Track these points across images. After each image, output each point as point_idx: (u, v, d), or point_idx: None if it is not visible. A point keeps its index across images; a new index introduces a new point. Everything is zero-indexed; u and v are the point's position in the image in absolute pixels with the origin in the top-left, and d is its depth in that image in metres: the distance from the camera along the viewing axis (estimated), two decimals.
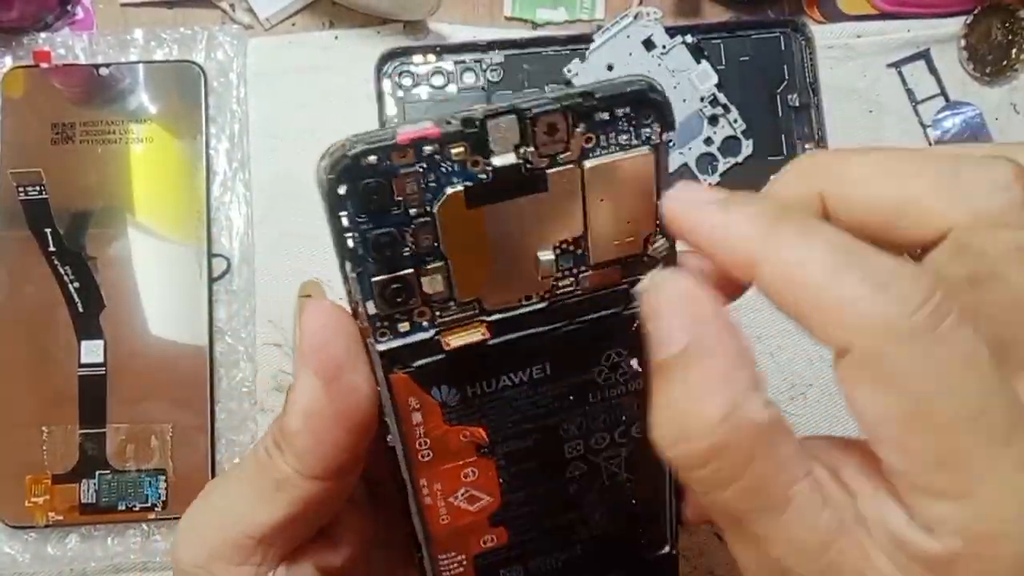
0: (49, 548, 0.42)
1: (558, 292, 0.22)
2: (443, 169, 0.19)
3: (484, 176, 0.20)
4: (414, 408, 0.22)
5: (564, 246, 0.21)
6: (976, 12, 0.47)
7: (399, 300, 0.20)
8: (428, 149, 0.19)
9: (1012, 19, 0.47)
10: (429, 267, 0.20)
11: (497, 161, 0.19)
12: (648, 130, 0.20)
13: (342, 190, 0.19)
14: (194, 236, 0.43)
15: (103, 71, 0.44)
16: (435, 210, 0.20)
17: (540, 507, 0.25)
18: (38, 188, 0.43)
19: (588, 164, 0.20)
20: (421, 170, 0.19)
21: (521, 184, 0.20)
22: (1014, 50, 0.47)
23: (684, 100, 0.46)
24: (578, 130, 0.20)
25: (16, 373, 0.42)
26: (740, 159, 0.46)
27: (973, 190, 0.19)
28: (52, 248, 0.43)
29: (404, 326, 0.21)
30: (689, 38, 0.46)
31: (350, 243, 0.19)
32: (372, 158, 0.19)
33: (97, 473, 0.42)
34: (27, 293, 0.42)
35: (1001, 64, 0.47)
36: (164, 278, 0.43)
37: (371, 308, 0.20)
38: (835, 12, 0.48)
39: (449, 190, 0.19)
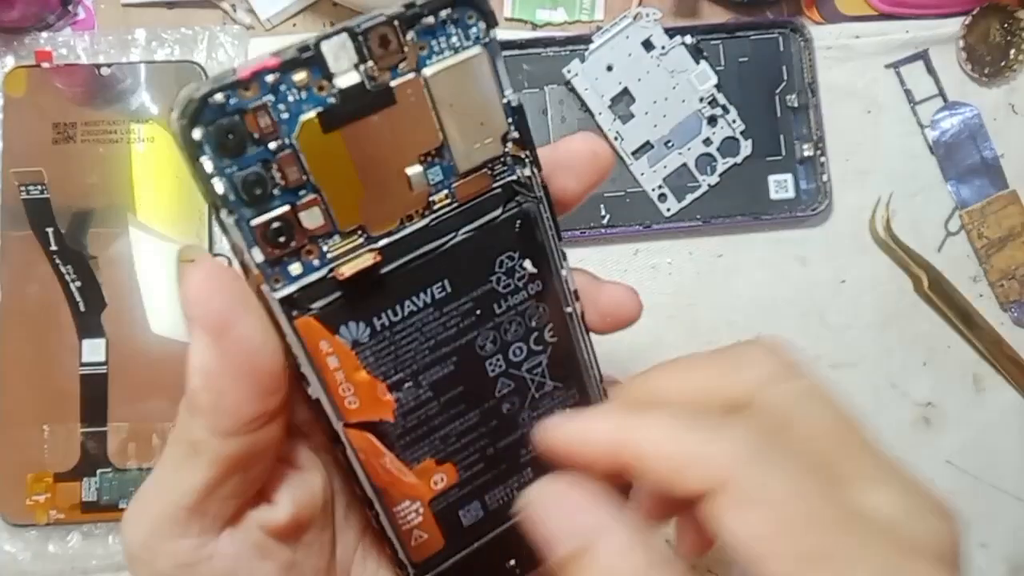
0: (50, 546, 0.42)
1: (436, 207, 0.22)
2: (291, 98, 0.20)
3: (332, 99, 0.20)
4: (327, 352, 0.22)
5: (428, 158, 0.22)
6: (974, 13, 0.47)
7: (283, 241, 0.20)
8: (271, 79, 0.19)
9: (1010, 20, 0.47)
10: (304, 201, 0.20)
11: (340, 82, 0.20)
12: (475, 29, 0.21)
13: (197, 134, 0.19)
14: (195, 235, 0.43)
15: (104, 71, 0.44)
16: (294, 140, 0.20)
17: (480, 434, 0.25)
18: (40, 187, 0.43)
19: (427, 71, 0.21)
20: (270, 101, 0.20)
21: (369, 101, 0.21)
22: (1012, 51, 0.47)
23: (683, 101, 0.46)
24: (409, 39, 0.21)
25: (18, 372, 0.42)
26: (739, 159, 0.46)
27: (746, 374, 0.23)
28: (54, 247, 0.43)
29: (295, 268, 0.21)
30: (688, 39, 0.46)
31: (219, 188, 0.20)
32: (219, 96, 0.19)
33: (98, 471, 0.42)
34: (29, 292, 0.43)
35: (999, 64, 0.47)
36: (165, 277, 0.43)
37: (257, 255, 0.20)
38: (833, 13, 0.48)
39: (302, 117, 0.20)
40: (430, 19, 0.21)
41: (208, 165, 0.19)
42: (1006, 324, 0.47)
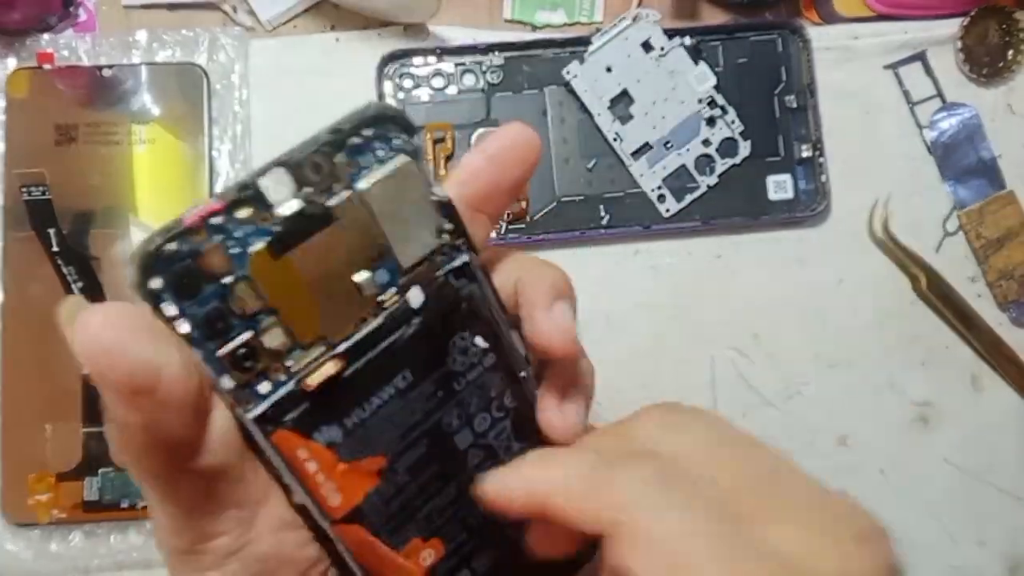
0: (52, 546, 0.42)
1: (386, 304, 0.24)
2: (238, 234, 0.21)
3: (277, 227, 0.21)
4: (305, 458, 0.23)
5: (373, 263, 0.23)
6: (972, 14, 0.47)
7: (249, 365, 0.21)
8: (217, 221, 0.21)
9: (1008, 21, 0.48)
10: (264, 325, 0.22)
11: (281, 211, 0.21)
12: (398, 140, 0.23)
13: (156, 284, 0.20)
14: None
15: (106, 72, 0.44)
16: (248, 272, 0.21)
17: (460, 506, 0.26)
18: (42, 189, 0.43)
19: (360, 185, 0.22)
20: (219, 241, 0.21)
21: (311, 223, 0.22)
22: (1010, 51, 0.48)
23: (682, 102, 0.46)
24: (339, 160, 0.22)
25: (20, 372, 0.42)
26: (738, 160, 0.46)
27: (641, 433, 0.24)
28: (56, 248, 0.43)
29: (264, 387, 0.22)
30: (687, 40, 0.46)
31: (184, 329, 0.20)
32: (172, 246, 0.20)
33: (100, 471, 0.42)
34: (31, 293, 0.43)
35: (997, 65, 0.48)
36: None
37: (227, 382, 0.21)
38: (832, 14, 0.48)
39: (251, 249, 0.21)
40: (356, 139, 0.22)
41: (170, 310, 0.20)
42: (1004, 324, 0.47)
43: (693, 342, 0.46)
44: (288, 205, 0.22)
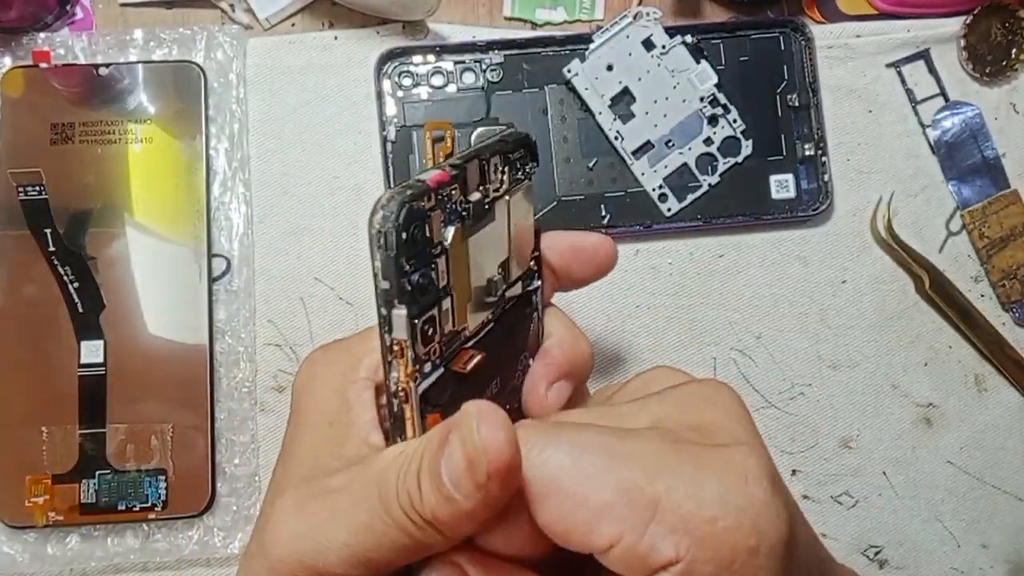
0: (49, 548, 0.42)
1: (495, 309, 0.26)
2: (448, 208, 0.22)
3: (466, 212, 0.23)
4: None
5: (500, 268, 0.25)
6: (976, 12, 0.47)
7: (429, 338, 0.22)
8: (446, 191, 0.22)
9: (1012, 19, 0.47)
10: (443, 302, 0.22)
11: (472, 197, 0.23)
12: (529, 166, 0.26)
13: (404, 236, 0.20)
14: (194, 236, 0.43)
15: (102, 71, 0.44)
16: (448, 246, 0.22)
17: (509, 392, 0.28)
18: (37, 188, 0.43)
19: (508, 196, 0.25)
20: (440, 210, 0.22)
21: (480, 217, 0.24)
22: (1014, 50, 0.47)
23: (684, 100, 0.46)
24: (502, 170, 0.25)
25: (16, 373, 0.42)
26: (740, 159, 0.46)
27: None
28: (52, 248, 0.43)
29: (427, 366, 0.22)
30: (689, 38, 0.46)
31: (409, 287, 0.21)
32: (418, 204, 0.21)
33: (97, 473, 0.42)
34: (27, 293, 0.42)
35: (1001, 64, 0.47)
36: (164, 278, 0.43)
37: (415, 351, 0.22)
38: (834, 12, 0.48)
39: (451, 227, 0.22)
40: (513, 155, 0.25)
41: (406, 265, 0.21)
42: (1007, 324, 0.47)
43: (694, 342, 0.46)
44: (475, 193, 0.23)
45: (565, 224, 0.45)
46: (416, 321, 0.21)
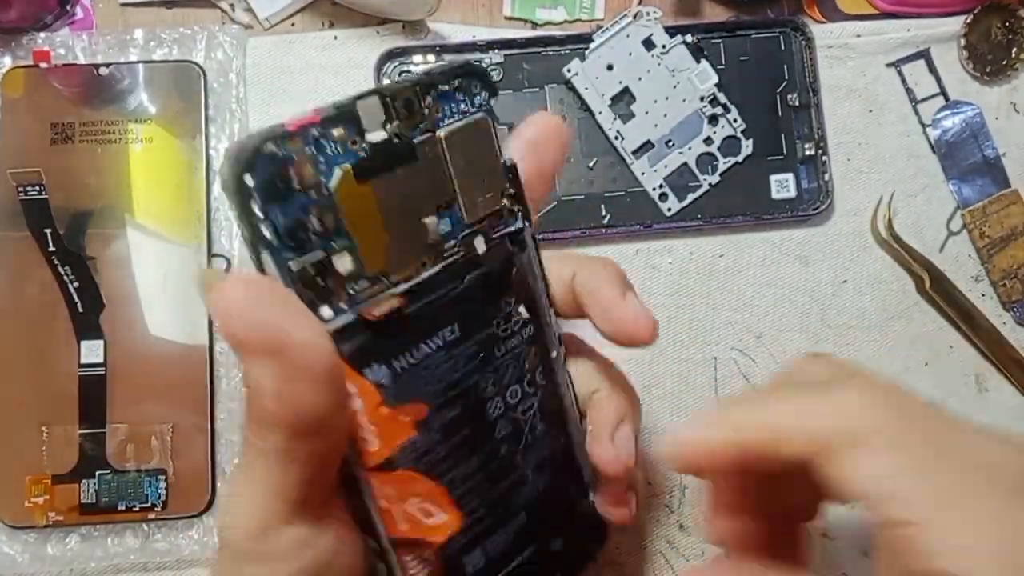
0: (49, 548, 0.42)
1: (446, 255, 0.24)
2: (329, 151, 0.22)
3: (363, 153, 0.22)
4: (352, 394, 0.23)
5: (443, 210, 0.24)
6: (976, 11, 0.47)
7: (317, 283, 0.22)
8: (314, 133, 0.21)
9: (1012, 18, 0.47)
10: (337, 247, 0.22)
11: (371, 138, 0.22)
12: (479, 97, 0.24)
13: (249, 180, 0.20)
14: (194, 236, 0.43)
15: (103, 71, 0.44)
16: (332, 189, 0.22)
17: (482, 478, 0.26)
18: (38, 188, 0.43)
19: (442, 132, 0.23)
20: (311, 153, 0.21)
21: (395, 157, 0.23)
22: (1014, 49, 0.47)
23: (684, 100, 0.46)
24: (428, 102, 0.23)
25: (16, 373, 0.42)
26: (740, 159, 0.46)
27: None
28: (52, 248, 0.43)
29: (326, 312, 0.22)
30: (689, 38, 0.46)
31: (266, 232, 0.21)
32: (270, 146, 0.21)
33: (97, 473, 0.41)
34: (27, 293, 0.42)
35: (1001, 63, 0.47)
36: (164, 278, 0.43)
37: (299, 296, 0.21)
38: (835, 12, 0.48)
39: (338, 169, 0.22)
40: (445, 86, 0.24)
41: (257, 210, 0.21)
42: (1008, 324, 0.47)
43: (695, 342, 0.46)
44: (377, 133, 0.22)
45: (566, 224, 0.45)
46: (292, 266, 0.21)
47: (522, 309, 0.26)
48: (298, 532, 0.22)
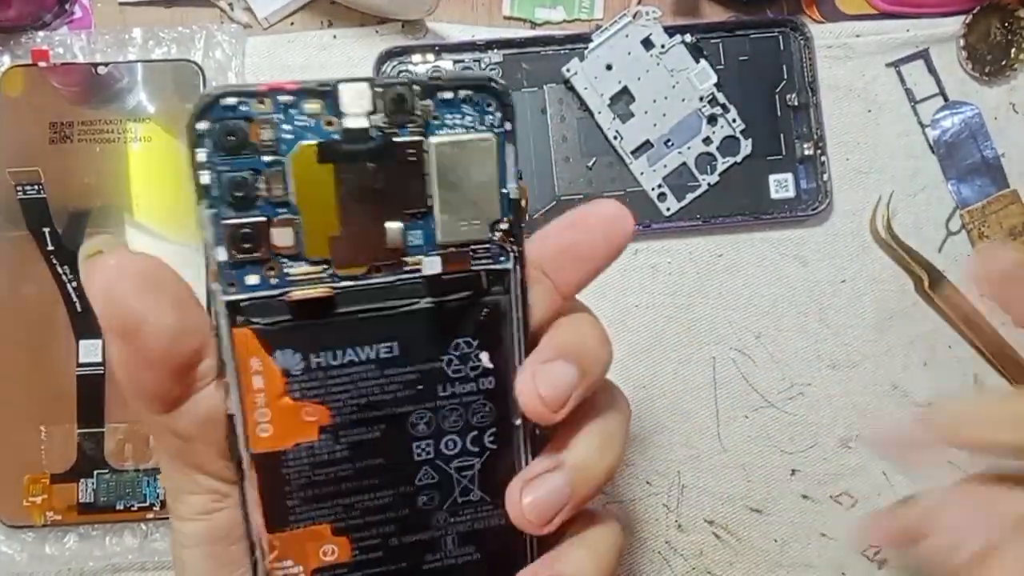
0: (47, 548, 0.42)
1: (406, 268, 0.22)
2: (298, 122, 0.21)
3: (336, 135, 0.21)
4: (256, 371, 0.22)
5: (411, 219, 0.22)
6: (975, 12, 0.47)
7: (248, 247, 0.21)
8: (285, 99, 0.21)
9: (1011, 19, 0.47)
10: (280, 218, 0.21)
11: (348, 123, 0.21)
12: (491, 117, 0.22)
13: (201, 126, 0.20)
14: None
15: (101, 70, 0.44)
16: (288, 159, 0.21)
17: (387, 518, 0.23)
18: (36, 187, 0.43)
19: (434, 139, 0.22)
20: (277, 119, 0.21)
21: (371, 149, 0.21)
22: (1013, 50, 0.47)
23: (683, 100, 0.46)
24: (424, 105, 0.22)
25: (14, 372, 0.42)
26: (739, 159, 0.46)
27: None
28: (50, 247, 0.43)
29: (252, 279, 0.21)
30: (688, 37, 0.46)
31: (204, 179, 0.20)
32: (232, 99, 0.20)
33: (95, 473, 0.41)
34: (25, 292, 0.42)
35: (1000, 64, 0.47)
36: None
37: (220, 254, 0.21)
38: (834, 12, 0.48)
39: (303, 142, 0.21)
40: (448, 94, 0.22)
41: (201, 156, 0.20)
42: (1007, 324, 0.47)
43: (694, 342, 0.46)
44: (356, 120, 0.21)
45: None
46: (224, 222, 0.21)
47: (484, 357, 0.23)
48: (200, 501, 0.23)
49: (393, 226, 0.22)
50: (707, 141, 0.46)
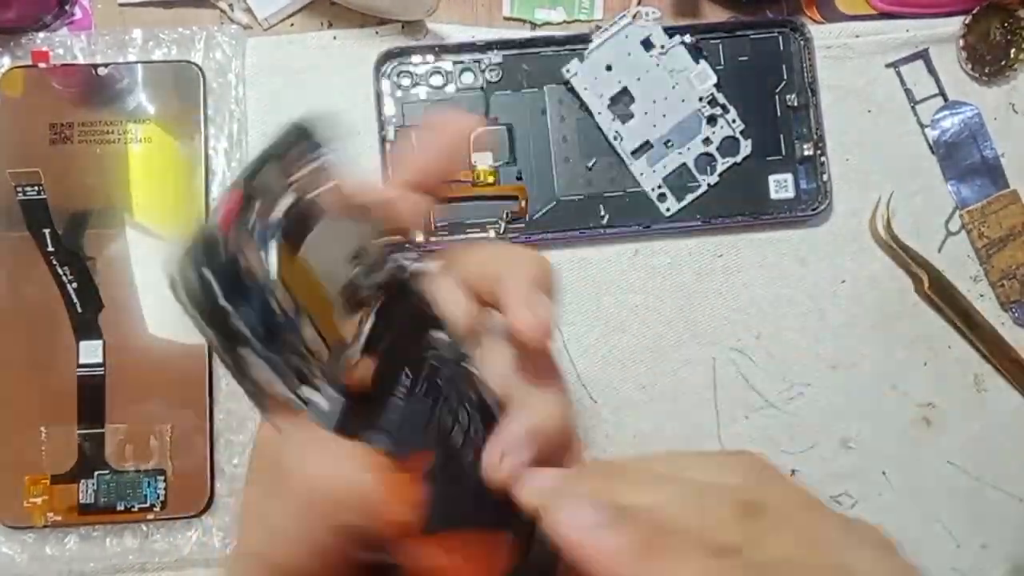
0: (48, 549, 0.42)
1: (374, 301, 0.23)
2: (259, 230, 0.21)
3: (285, 221, 0.21)
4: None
5: (356, 259, 0.23)
6: (975, 12, 0.47)
7: (302, 370, 0.21)
8: (244, 217, 0.21)
9: (1011, 19, 0.47)
10: (302, 326, 0.21)
11: (282, 203, 0.21)
12: (316, 151, 0.23)
13: (208, 275, 0.20)
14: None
15: (101, 71, 0.44)
16: (276, 271, 0.21)
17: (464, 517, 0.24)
18: (36, 188, 0.43)
19: (318, 189, 0.22)
20: (246, 239, 0.20)
21: (307, 218, 0.22)
22: (1013, 50, 0.47)
23: (683, 100, 0.46)
24: (299, 166, 0.22)
25: (15, 373, 0.42)
26: (739, 159, 0.46)
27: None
28: (51, 248, 0.43)
29: (313, 395, 0.21)
30: (688, 38, 0.46)
31: (240, 327, 0.20)
32: (215, 235, 0.20)
33: (96, 473, 0.42)
34: (26, 293, 0.42)
35: (1000, 64, 0.47)
36: (163, 278, 0.43)
37: (281, 388, 0.21)
38: (833, 12, 0.48)
39: (272, 247, 0.21)
40: (283, 152, 0.22)
41: (225, 304, 0.20)
42: (1007, 324, 0.47)
43: (694, 342, 0.46)
44: (286, 198, 0.21)
45: (565, 224, 0.45)
46: (277, 358, 0.21)
47: (442, 335, 0.25)
48: None
49: (354, 273, 0.23)
50: (707, 142, 0.46)
